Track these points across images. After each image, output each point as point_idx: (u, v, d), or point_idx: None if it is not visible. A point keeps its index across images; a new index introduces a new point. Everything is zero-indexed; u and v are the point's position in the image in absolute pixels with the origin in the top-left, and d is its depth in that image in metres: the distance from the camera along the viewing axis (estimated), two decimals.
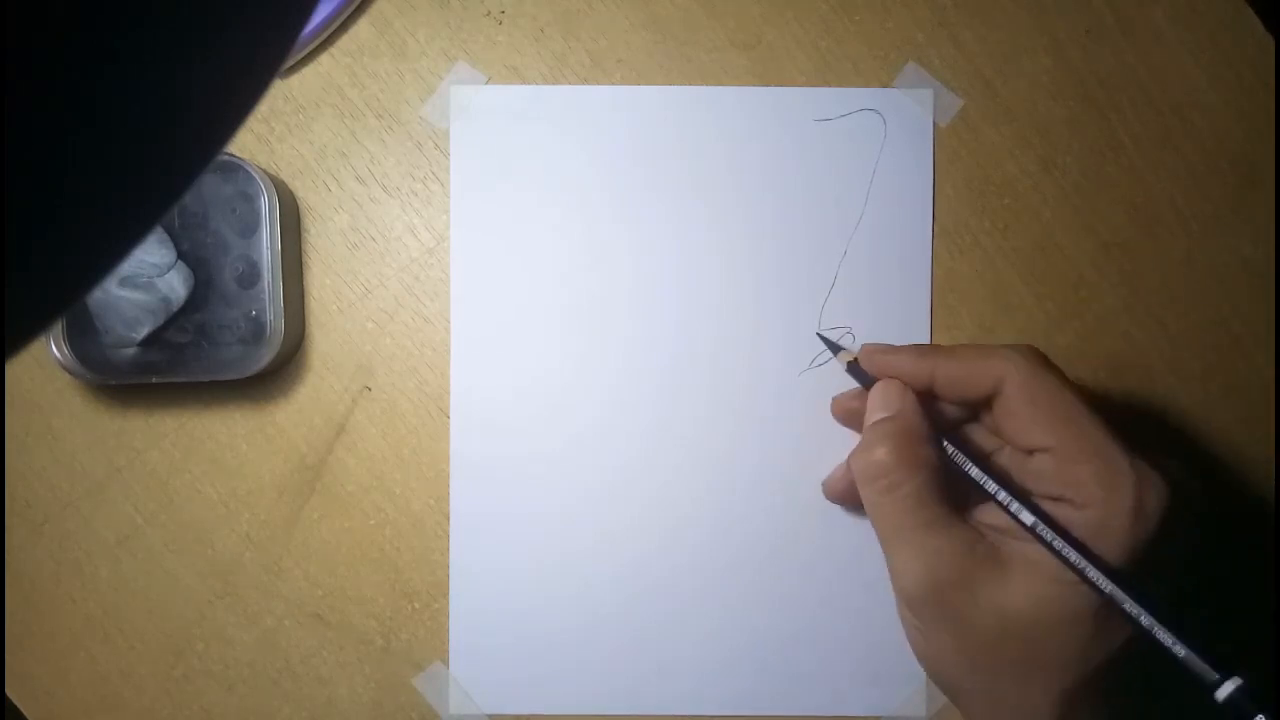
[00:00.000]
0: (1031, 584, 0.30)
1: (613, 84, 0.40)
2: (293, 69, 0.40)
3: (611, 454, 0.40)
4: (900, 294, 0.40)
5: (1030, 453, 0.32)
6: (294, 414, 0.40)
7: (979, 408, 0.34)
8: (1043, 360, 0.33)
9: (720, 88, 0.40)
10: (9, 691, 0.40)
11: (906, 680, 0.39)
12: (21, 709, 0.40)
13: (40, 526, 0.40)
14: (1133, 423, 0.40)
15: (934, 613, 0.31)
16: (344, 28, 0.40)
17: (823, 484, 0.39)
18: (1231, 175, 0.40)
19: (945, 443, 0.33)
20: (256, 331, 0.39)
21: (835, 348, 0.38)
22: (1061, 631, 0.30)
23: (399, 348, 0.40)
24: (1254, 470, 0.40)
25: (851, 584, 0.39)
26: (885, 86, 0.40)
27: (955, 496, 0.33)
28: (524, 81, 0.40)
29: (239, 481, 0.40)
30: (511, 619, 0.40)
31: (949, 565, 0.31)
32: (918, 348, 0.35)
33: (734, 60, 0.40)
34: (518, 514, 0.40)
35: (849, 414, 0.38)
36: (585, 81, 0.40)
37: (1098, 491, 0.30)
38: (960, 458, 0.33)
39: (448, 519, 0.40)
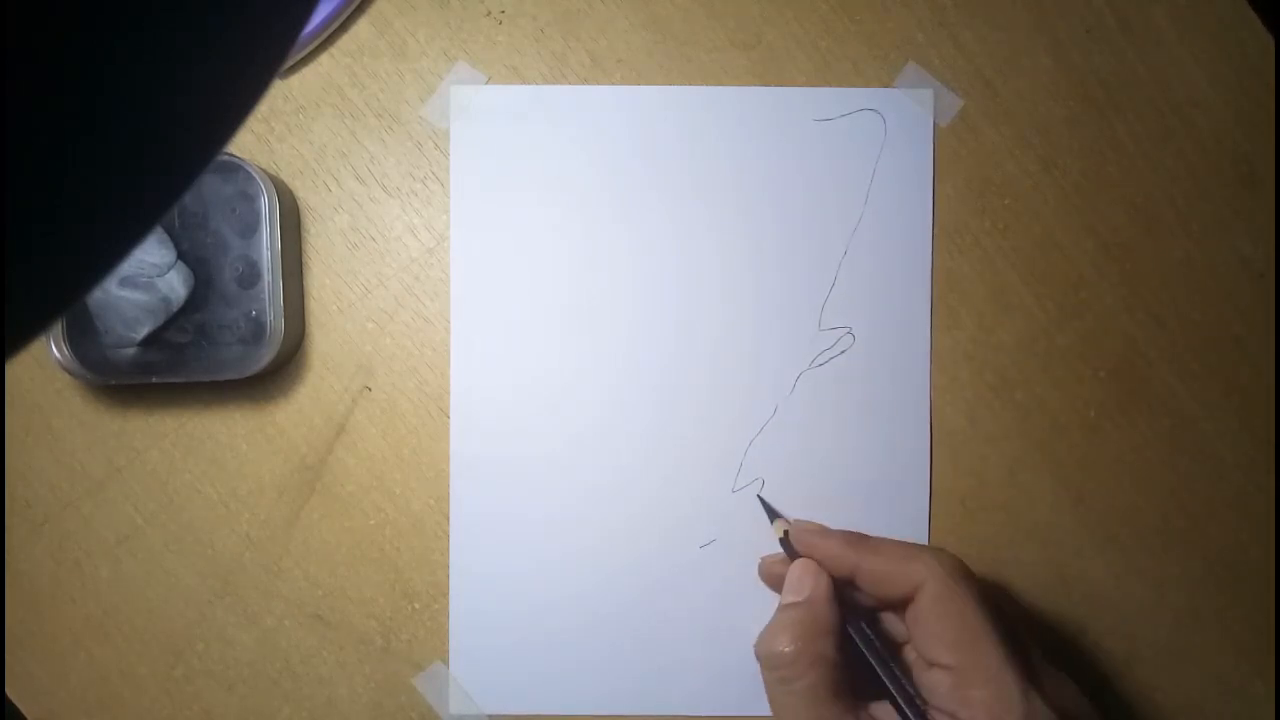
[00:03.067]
0: None
1: (613, 84, 0.40)
2: (293, 69, 0.40)
3: (611, 454, 0.40)
4: (900, 294, 0.40)
5: (931, 665, 0.32)
6: (294, 414, 0.40)
7: (897, 606, 0.34)
8: (960, 572, 0.33)
9: (720, 88, 0.40)
10: (9, 691, 0.40)
11: None
12: (21, 709, 0.40)
13: (40, 526, 0.40)
14: (1133, 423, 0.40)
15: None
16: (344, 28, 0.40)
17: (758, 569, 0.39)
18: (1231, 175, 0.40)
19: (854, 631, 0.34)
20: (256, 331, 0.39)
21: (773, 514, 0.38)
22: None
23: (399, 348, 0.40)
24: (1254, 470, 0.40)
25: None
26: (885, 86, 0.40)
27: (858, 683, 0.33)
28: (524, 81, 0.40)
29: (239, 481, 0.40)
30: (511, 619, 0.40)
31: None
32: (847, 536, 0.35)
33: (734, 60, 0.40)
34: (518, 514, 0.40)
35: (774, 578, 0.38)
36: (585, 81, 0.40)
37: (987, 715, 0.30)
38: (872, 649, 0.34)
39: (448, 519, 0.40)
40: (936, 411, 0.40)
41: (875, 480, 0.40)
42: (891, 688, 0.33)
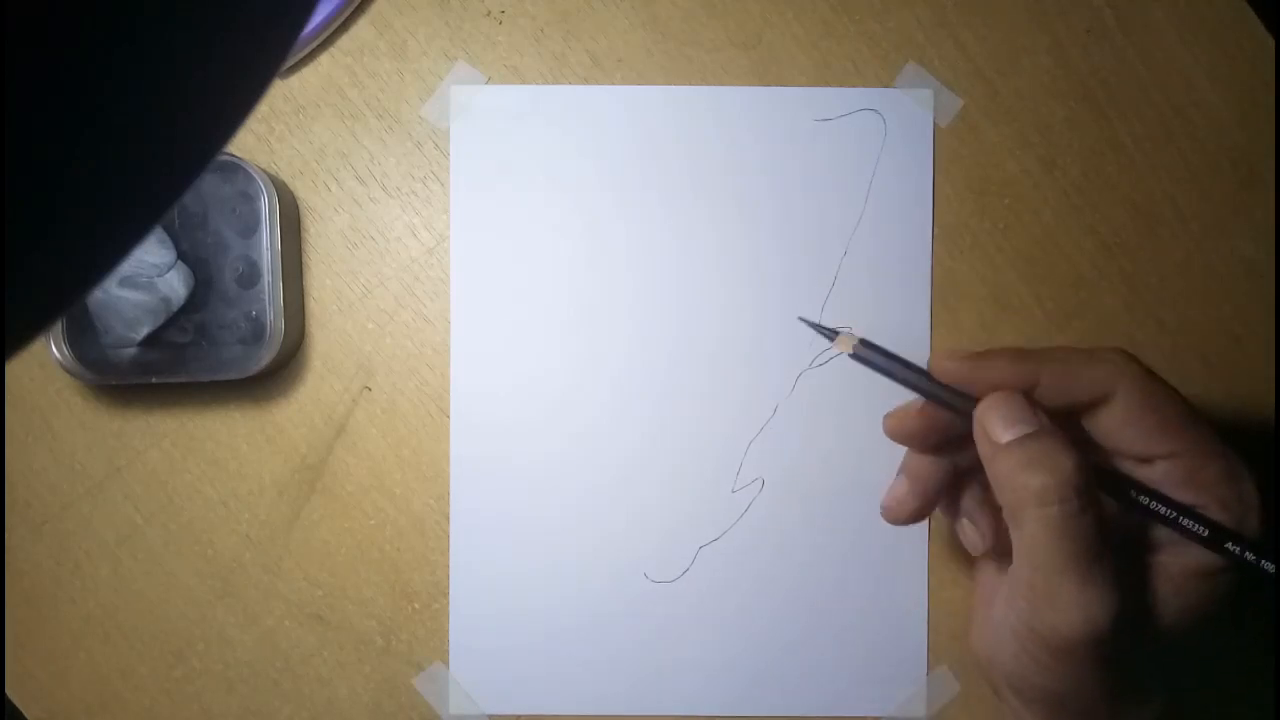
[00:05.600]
0: (1169, 595, 0.30)
1: (613, 84, 0.40)
2: (293, 69, 0.40)
3: (612, 454, 0.40)
4: (900, 294, 0.40)
5: (1148, 460, 0.31)
6: (294, 414, 0.40)
7: (1081, 414, 0.32)
8: (1147, 367, 0.31)
9: (720, 88, 0.40)
10: (9, 691, 0.40)
11: (906, 680, 0.39)
12: (21, 709, 0.40)
13: (40, 526, 0.40)
14: None
15: (1094, 655, 0.29)
16: (344, 28, 0.40)
17: (882, 510, 0.35)
18: (1231, 175, 0.40)
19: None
20: (256, 331, 0.39)
21: (829, 333, 0.33)
22: (1208, 623, 0.31)
23: (399, 348, 0.40)
24: (1254, 470, 0.40)
25: (852, 584, 0.39)
26: (885, 86, 0.40)
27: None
28: (524, 81, 0.40)
29: (239, 481, 0.40)
30: (511, 619, 0.40)
31: (1120, 606, 0.28)
32: (1011, 352, 0.31)
33: (734, 60, 0.40)
34: (518, 514, 0.40)
35: (913, 434, 0.33)
36: (585, 81, 0.40)
37: (1229, 491, 0.30)
38: (1104, 463, 0.31)
39: (448, 519, 0.40)
40: None
41: (875, 480, 0.40)
42: (1149, 496, 0.30)
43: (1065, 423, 0.31)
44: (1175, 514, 0.30)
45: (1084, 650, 0.29)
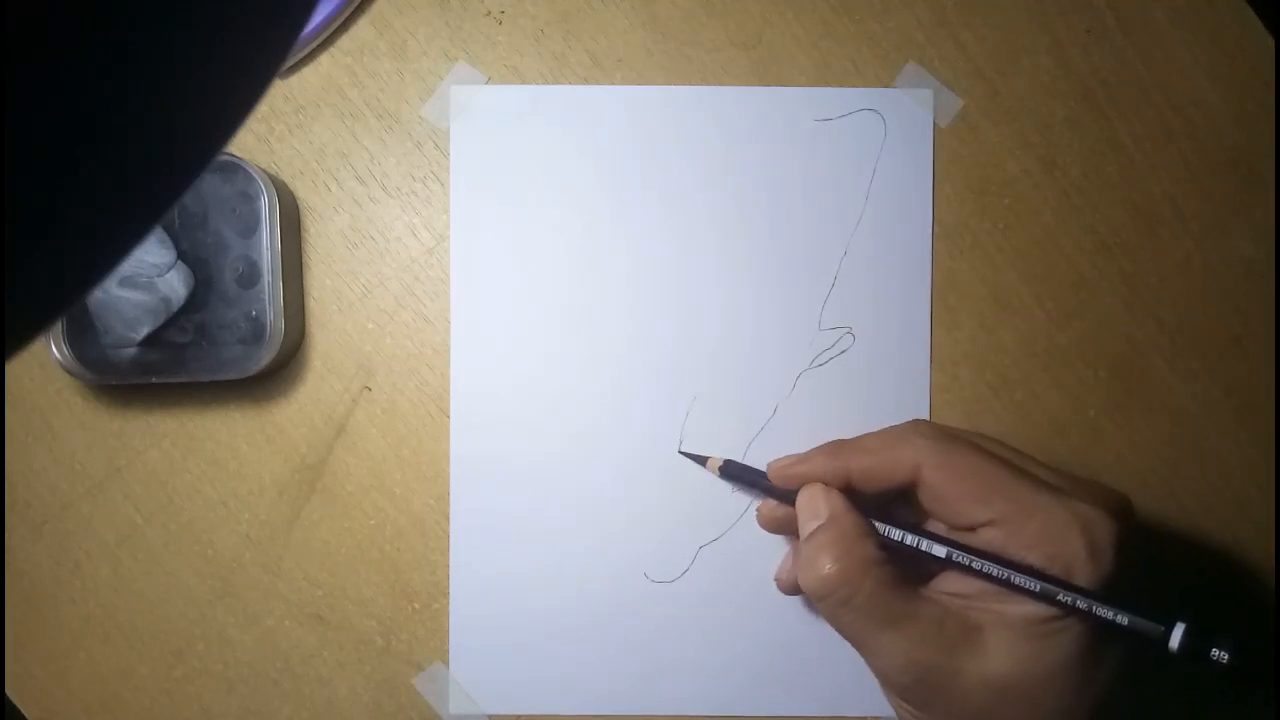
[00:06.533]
0: (1011, 645, 0.30)
1: (613, 84, 0.40)
2: (293, 69, 0.40)
3: (612, 453, 0.40)
4: (900, 294, 0.40)
5: (972, 529, 0.32)
6: (294, 414, 0.40)
7: (903, 492, 0.34)
8: (947, 432, 0.33)
9: (720, 88, 0.40)
10: (9, 691, 0.40)
11: None
12: (21, 709, 0.40)
13: (40, 526, 0.40)
14: (1133, 423, 0.40)
15: (924, 698, 0.31)
16: (344, 28, 0.40)
17: (775, 581, 0.38)
18: (1231, 175, 0.40)
19: (884, 529, 0.33)
20: (256, 331, 0.39)
21: (700, 460, 0.38)
22: (1053, 683, 0.30)
23: (399, 348, 0.40)
24: (1254, 470, 0.40)
25: None
26: (885, 86, 0.40)
27: (911, 575, 0.32)
28: (524, 81, 0.40)
29: (239, 481, 0.40)
30: (511, 619, 0.40)
31: (925, 652, 0.30)
32: (826, 448, 0.35)
33: (734, 60, 0.40)
34: (518, 514, 0.40)
35: (774, 523, 0.37)
36: (585, 81, 0.40)
37: (1050, 547, 0.30)
38: (905, 537, 0.33)
39: (448, 519, 0.40)
40: (936, 411, 0.40)
41: None
42: (944, 546, 0.31)
43: (895, 500, 0.34)
44: (1006, 574, 0.30)
45: (913, 695, 0.31)
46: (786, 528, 0.36)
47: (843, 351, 0.40)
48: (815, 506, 0.34)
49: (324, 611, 0.40)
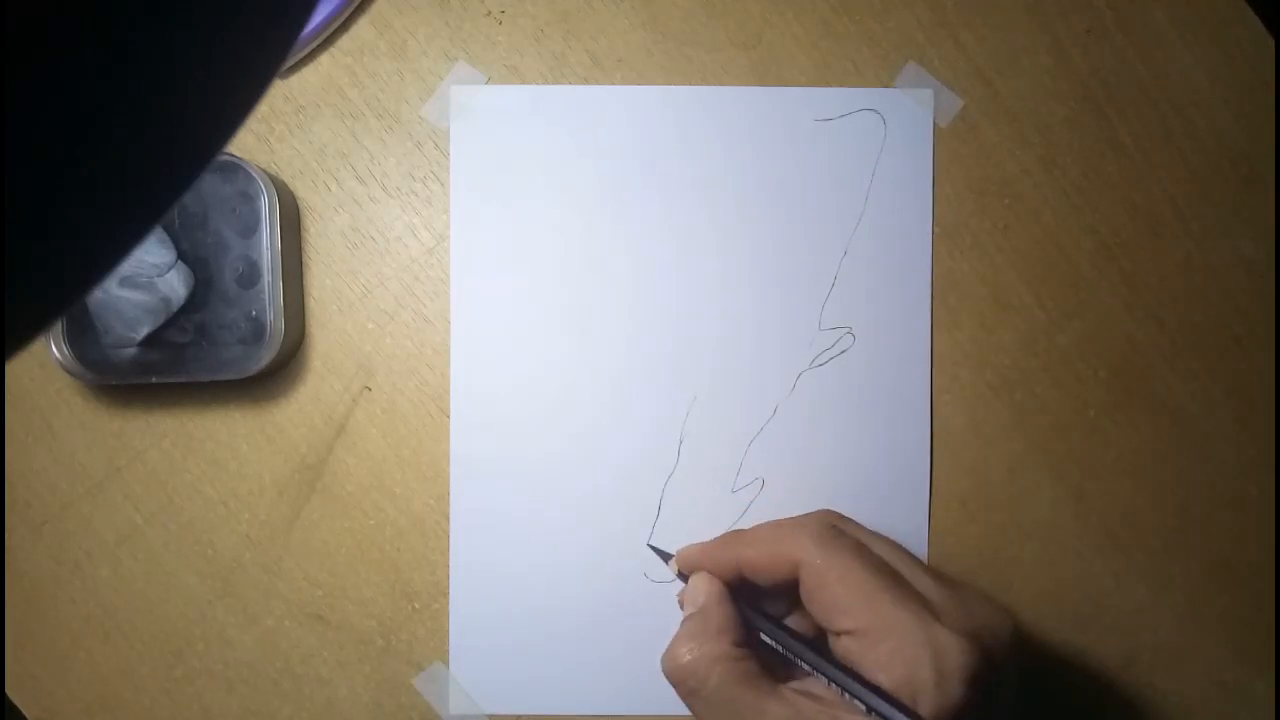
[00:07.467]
0: None
1: (613, 84, 0.40)
2: (293, 69, 0.40)
3: (612, 453, 0.40)
4: (900, 294, 0.40)
5: (838, 635, 0.32)
6: (294, 414, 0.40)
7: (793, 589, 0.34)
8: (827, 535, 0.33)
9: (720, 88, 0.40)
10: (9, 691, 0.40)
11: None
12: (21, 709, 0.40)
13: (40, 526, 0.40)
14: (1133, 423, 0.40)
15: None
16: (344, 28, 0.40)
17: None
18: (1231, 175, 0.40)
19: (758, 624, 0.34)
20: (256, 331, 0.39)
21: (665, 556, 0.38)
22: None
23: (399, 348, 0.40)
24: (1254, 470, 0.40)
25: None
26: (885, 86, 0.40)
27: (781, 670, 0.33)
28: (524, 81, 0.40)
29: (239, 481, 0.40)
30: (511, 619, 0.40)
31: None
32: (722, 539, 0.36)
33: (734, 60, 0.40)
34: (518, 514, 0.40)
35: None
36: (585, 81, 0.40)
37: (900, 670, 0.30)
38: (773, 634, 0.33)
39: (448, 519, 0.40)
40: (936, 411, 0.40)
41: (875, 480, 0.40)
42: (805, 662, 0.32)
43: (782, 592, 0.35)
44: (844, 689, 0.31)
45: None
46: None
47: (843, 351, 0.40)
48: (695, 595, 0.35)
49: (324, 611, 0.40)
